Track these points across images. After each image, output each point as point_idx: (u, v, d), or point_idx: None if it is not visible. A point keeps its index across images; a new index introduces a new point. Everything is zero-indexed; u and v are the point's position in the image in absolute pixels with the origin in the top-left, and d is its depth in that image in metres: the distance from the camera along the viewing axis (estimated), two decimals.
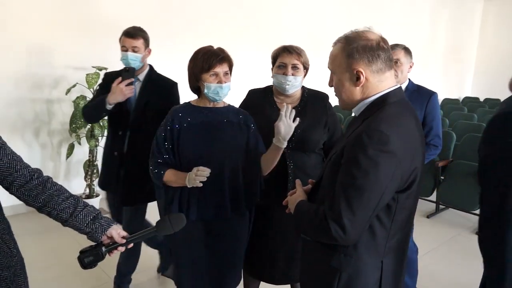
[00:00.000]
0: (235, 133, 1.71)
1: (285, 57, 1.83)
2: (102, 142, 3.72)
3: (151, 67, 2.27)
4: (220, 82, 1.63)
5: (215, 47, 1.68)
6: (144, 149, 2.17)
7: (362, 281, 1.15)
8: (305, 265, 1.33)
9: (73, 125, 3.50)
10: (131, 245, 1.29)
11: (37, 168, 1.29)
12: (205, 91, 1.65)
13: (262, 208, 1.89)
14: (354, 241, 1.08)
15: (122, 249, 1.28)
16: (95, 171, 3.73)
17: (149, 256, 2.58)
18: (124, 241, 1.26)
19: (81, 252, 1.24)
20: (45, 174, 1.29)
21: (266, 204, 1.88)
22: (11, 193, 1.23)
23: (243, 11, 5.17)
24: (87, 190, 3.77)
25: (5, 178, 1.20)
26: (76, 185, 3.97)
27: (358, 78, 1.12)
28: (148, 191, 2.24)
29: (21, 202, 1.26)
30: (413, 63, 2.28)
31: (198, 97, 1.75)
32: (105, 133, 3.64)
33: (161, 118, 2.19)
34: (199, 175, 1.53)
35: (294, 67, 1.82)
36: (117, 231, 1.27)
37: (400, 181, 1.07)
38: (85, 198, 3.71)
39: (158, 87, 2.23)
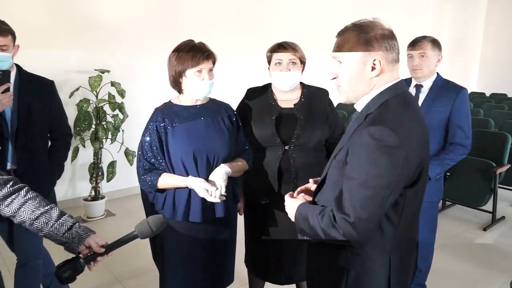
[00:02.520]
0: (223, 127, 1.70)
1: (281, 54, 1.81)
2: (106, 144, 3.75)
3: (18, 66, 1.98)
4: (205, 79, 1.60)
5: (196, 42, 1.63)
6: (39, 161, 1.97)
7: (370, 278, 1.13)
8: (311, 265, 1.31)
9: (77, 128, 3.50)
10: (111, 254, 1.22)
11: (12, 177, 1.26)
12: (190, 88, 1.61)
13: (266, 208, 1.88)
14: (365, 239, 1.06)
15: (101, 259, 1.21)
16: (100, 173, 3.74)
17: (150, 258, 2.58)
18: (103, 250, 1.19)
19: (58, 267, 1.15)
20: None
21: (269, 203, 1.86)
22: None
23: (243, 10, 5.16)
24: (93, 193, 3.78)
25: None
26: (82, 188, 3.99)
27: (373, 68, 1.07)
28: None
29: None
30: (441, 56, 2.16)
31: (179, 94, 1.70)
32: (109, 135, 3.66)
33: (47, 123, 2.01)
34: (214, 195, 1.55)
35: (291, 62, 1.81)
36: (95, 240, 1.20)
37: (407, 177, 1.05)
38: (90, 201, 3.73)
39: (37, 87, 1.98)
